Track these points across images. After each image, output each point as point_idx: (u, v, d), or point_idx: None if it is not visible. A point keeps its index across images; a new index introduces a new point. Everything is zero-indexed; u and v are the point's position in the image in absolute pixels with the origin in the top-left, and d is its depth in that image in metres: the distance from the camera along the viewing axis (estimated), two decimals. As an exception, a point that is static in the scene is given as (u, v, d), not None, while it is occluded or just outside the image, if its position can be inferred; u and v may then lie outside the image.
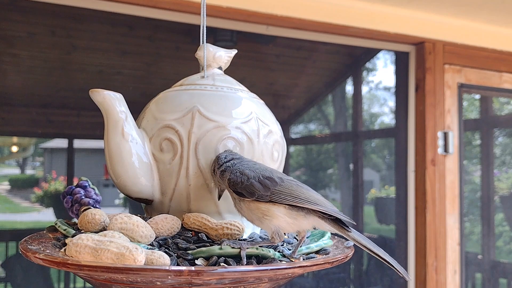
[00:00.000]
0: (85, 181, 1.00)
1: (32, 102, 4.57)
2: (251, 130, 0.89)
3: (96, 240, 0.67)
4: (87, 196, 0.97)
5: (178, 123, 0.87)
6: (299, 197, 0.76)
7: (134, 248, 0.64)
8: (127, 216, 0.75)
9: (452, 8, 2.54)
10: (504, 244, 5.25)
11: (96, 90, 0.83)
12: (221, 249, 0.74)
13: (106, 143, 0.85)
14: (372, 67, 8.16)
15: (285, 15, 2.31)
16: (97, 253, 0.65)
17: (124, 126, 0.84)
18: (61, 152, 13.49)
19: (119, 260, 0.63)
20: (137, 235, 0.74)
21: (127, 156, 0.84)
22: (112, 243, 0.65)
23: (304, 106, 5.58)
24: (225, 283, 0.68)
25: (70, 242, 0.67)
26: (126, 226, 0.74)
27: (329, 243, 0.88)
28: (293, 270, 0.70)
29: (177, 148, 0.86)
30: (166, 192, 0.88)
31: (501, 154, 5.77)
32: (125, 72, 4.44)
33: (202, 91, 0.91)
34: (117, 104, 0.83)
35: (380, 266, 4.07)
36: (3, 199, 16.48)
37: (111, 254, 0.64)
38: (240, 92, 0.94)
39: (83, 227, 0.80)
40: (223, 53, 1.00)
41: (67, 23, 3.62)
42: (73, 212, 0.97)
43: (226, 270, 0.65)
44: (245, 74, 4.41)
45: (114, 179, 0.87)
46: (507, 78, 2.88)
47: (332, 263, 0.75)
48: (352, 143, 4.86)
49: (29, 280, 4.07)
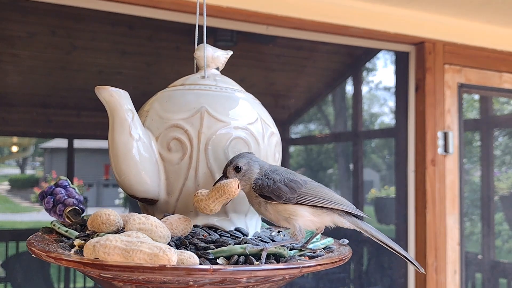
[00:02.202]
0: (64, 181, 0.97)
1: (32, 102, 4.57)
2: (257, 132, 0.90)
3: (125, 241, 0.65)
4: (70, 196, 0.94)
5: (186, 123, 0.86)
6: (323, 198, 0.81)
7: (167, 249, 0.63)
8: (144, 217, 0.74)
9: (452, 8, 2.54)
10: (503, 243, 5.25)
11: (102, 87, 0.80)
12: (242, 248, 0.74)
13: (111, 142, 0.82)
14: (372, 67, 8.16)
15: (285, 15, 2.31)
16: (128, 254, 0.63)
17: (131, 124, 0.82)
18: (61, 152, 13.49)
19: (153, 260, 0.62)
20: (156, 235, 0.72)
21: (134, 155, 0.82)
22: (144, 243, 0.64)
23: (304, 106, 5.58)
24: (250, 282, 0.69)
25: (97, 243, 0.65)
26: (144, 227, 0.72)
27: (332, 241, 0.91)
28: (315, 268, 0.73)
29: (187, 148, 0.85)
30: (173, 192, 0.87)
31: (501, 154, 5.77)
32: (125, 72, 4.45)
33: (207, 91, 0.91)
34: (124, 102, 0.81)
35: (380, 266, 4.07)
36: (3, 199, 16.48)
37: (143, 255, 0.63)
38: (241, 93, 0.95)
39: (95, 228, 0.77)
40: (221, 53, 1.00)
41: (67, 23, 3.62)
42: (55, 212, 0.93)
43: (262, 268, 0.67)
44: (245, 74, 4.41)
45: (119, 179, 0.85)
46: (507, 78, 2.88)
47: (344, 260, 0.79)
48: (352, 143, 4.86)
49: (29, 280, 4.07)
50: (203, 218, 0.88)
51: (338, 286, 4.35)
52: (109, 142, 0.83)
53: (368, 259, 4.32)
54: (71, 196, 0.94)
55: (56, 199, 0.93)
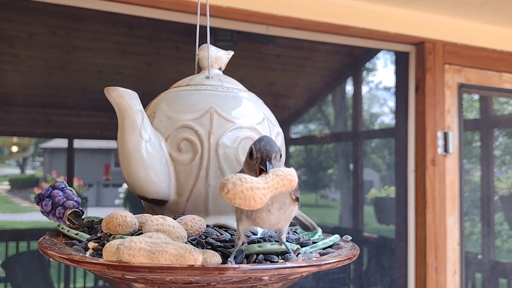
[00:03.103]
0: (61, 183, 0.95)
1: (32, 102, 4.58)
2: (264, 131, 0.90)
3: (149, 242, 0.65)
4: (68, 198, 0.92)
5: (196, 123, 0.86)
6: None
7: (193, 249, 0.64)
8: (161, 218, 0.73)
9: (452, 8, 2.54)
10: (502, 243, 5.25)
11: (113, 88, 0.80)
12: (260, 247, 0.74)
13: (121, 143, 0.82)
14: (372, 67, 8.17)
15: (285, 15, 2.31)
16: (154, 255, 0.63)
17: (142, 125, 0.82)
18: (61, 152, 13.51)
19: (179, 261, 0.63)
20: (173, 236, 0.72)
21: (144, 156, 0.82)
22: (169, 244, 0.64)
23: (304, 106, 5.58)
24: (271, 280, 0.70)
25: (121, 245, 0.65)
26: (162, 228, 0.72)
27: (338, 238, 0.91)
28: (332, 265, 0.72)
29: (197, 149, 0.85)
30: (183, 192, 0.87)
31: (501, 154, 5.77)
32: (125, 72, 4.45)
33: (214, 91, 0.91)
34: (134, 103, 0.81)
35: (380, 266, 4.07)
36: (3, 199, 16.50)
37: (169, 256, 0.63)
38: (245, 93, 0.95)
39: (111, 230, 0.76)
40: (223, 54, 1.00)
41: (67, 23, 3.62)
42: (54, 215, 0.92)
43: (286, 266, 0.67)
44: (245, 74, 4.41)
45: (129, 180, 0.84)
46: (507, 78, 2.88)
47: (353, 257, 0.79)
48: (352, 143, 4.87)
49: (29, 280, 4.07)
50: (213, 218, 0.88)
51: (338, 286, 4.35)
52: (119, 143, 0.83)
53: (368, 259, 4.33)
54: (69, 198, 0.93)
55: (55, 201, 0.92)
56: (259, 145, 0.71)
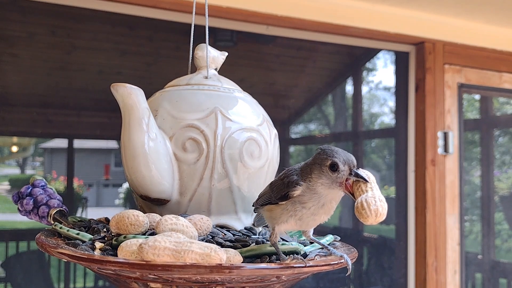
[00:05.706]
0: (41, 180, 0.92)
1: (32, 102, 4.57)
2: (265, 133, 0.91)
3: (173, 241, 0.64)
4: (51, 196, 0.89)
5: (202, 123, 0.86)
6: None
7: (217, 248, 0.64)
8: (175, 217, 0.73)
9: (452, 8, 2.53)
10: (502, 243, 5.25)
11: (120, 84, 0.78)
12: (271, 246, 0.74)
13: (127, 141, 0.80)
14: (372, 67, 8.15)
15: (285, 15, 2.31)
16: (179, 254, 0.63)
17: (149, 123, 0.80)
18: (61, 152, 13.49)
19: (205, 260, 0.63)
20: (188, 235, 0.72)
21: (151, 155, 0.81)
22: (193, 243, 0.64)
23: (304, 106, 5.58)
24: (283, 279, 0.71)
25: (144, 245, 0.64)
26: (176, 227, 0.72)
27: (333, 238, 0.92)
28: (342, 264, 0.75)
29: (203, 149, 0.85)
30: (186, 192, 0.86)
31: (501, 154, 5.77)
32: (125, 72, 4.44)
33: (216, 92, 0.91)
34: (141, 100, 0.80)
35: (380, 266, 4.06)
36: (3, 199, 16.48)
37: (195, 255, 0.63)
38: (242, 94, 0.96)
39: (121, 230, 0.75)
40: (218, 54, 1.01)
41: (67, 23, 3.62)
42: (37, 214, 0.88)
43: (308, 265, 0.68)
44: (245, 74, 4.40)
45: (133, 179, 0.83)
46: (507, 78, 2.88)
47: (356, 258, 0.81)
48: (352, 143, 4.86)
49: (29, 280, 4.06)
50: (215, 218, 0.88)
51: (338, 286, 4.35)
52: (124, 141, 0.81)
53: (368, 259, 4.32)
54: (52, 197, 0.89)
55: (37, 200, 0.88)
56: (341, 157, 0.72)
